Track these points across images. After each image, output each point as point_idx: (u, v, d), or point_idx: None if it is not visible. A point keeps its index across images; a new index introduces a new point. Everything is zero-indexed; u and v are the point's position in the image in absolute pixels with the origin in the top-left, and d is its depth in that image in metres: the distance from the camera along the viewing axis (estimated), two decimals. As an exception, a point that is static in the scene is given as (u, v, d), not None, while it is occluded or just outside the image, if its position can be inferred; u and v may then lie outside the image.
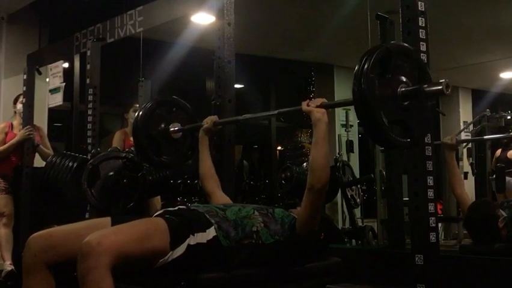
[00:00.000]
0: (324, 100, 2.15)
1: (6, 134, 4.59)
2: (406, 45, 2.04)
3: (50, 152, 4.63)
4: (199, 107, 7.33)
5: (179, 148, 2.90)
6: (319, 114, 2.11)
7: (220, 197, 2.50)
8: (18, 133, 4.53)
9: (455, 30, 5.99)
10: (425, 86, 1.86)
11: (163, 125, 2.84)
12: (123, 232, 1.84)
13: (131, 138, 4.94)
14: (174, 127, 2.85)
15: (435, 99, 2.01)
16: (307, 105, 2.15)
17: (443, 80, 1.83)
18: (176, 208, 2.12)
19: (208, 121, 2.64)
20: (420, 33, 2.19)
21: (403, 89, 1.85)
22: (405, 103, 1.85)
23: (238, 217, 2.04)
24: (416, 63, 1.94)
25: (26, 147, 4.49)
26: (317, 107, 2.13)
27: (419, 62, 1.96)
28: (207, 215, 2.01)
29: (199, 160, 2.64)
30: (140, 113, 2.85)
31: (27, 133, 4.47)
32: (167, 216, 1.99)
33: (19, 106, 4.66)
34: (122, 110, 5.18)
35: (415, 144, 1.97)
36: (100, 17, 4.06)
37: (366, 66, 1.80)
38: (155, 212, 2.14)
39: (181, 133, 2.85)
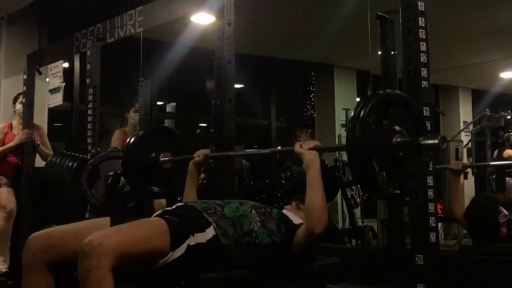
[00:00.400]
0: (317, 143, 2.15)
1: (5, 134, 4.59)
2: (405, 95, 2.00)
3: (50, 152, 4.63)
4: (199, 107, 7.33)
5: (168, 178, 2.88)
6: (311, 157, 2.09)
7: None
8: (16, 136, 4.51)
9: (455, 30, 5.98)
10: (421, 138, 1.83)
11: (153, 154, 2.81)
12: (124, 232, 1.84)
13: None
14: (165, 157, 2.81)
15: (432, 153, 1.98)
16: (300, 147, 2.12)
17: (440, 135, 1.80)
18: (174, 207, 2.12)
19: (200, 154, 2.62)
20: (420, 33, 2.19)
21: (398, 140, 1.81)
22: (400, 154, 1.81)
23: (236, 215, 2.05)
24: (413, 113, 1.91)
25: (26, 147, 4.49)
26: (310, 149, 2.11)
27: (417, 113, 1.93)
28: (205, 214, 2.01)
29: (184, 191, 2.61)
30: (132, 139, 2.83)
31: (24, 137, 4.45)
32: (167, 216, 1.99)
33: (18, 106, 4.66)
34: (122, 110, 5.18)
35: (405, 197, 1.94)
36: (100, 17, 4.06)
37: (362, 112, 1.77)
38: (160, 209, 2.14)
39: (171, 164, 2.83)
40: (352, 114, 1.80)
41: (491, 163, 5.24)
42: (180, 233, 1.92)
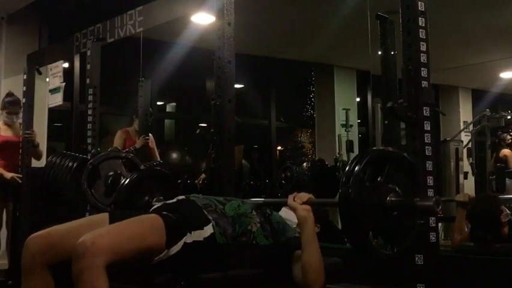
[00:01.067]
0: (311, 196, 2.10)
1: None
2: (404, 154, 1.95)
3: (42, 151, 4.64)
4: (199, 107, 7.34)
5: None
6: (305, 213, 2.03)
7: None
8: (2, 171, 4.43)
9: (455, 30, 5.99)
10: (417, 199, 1.78)
11: (146, 198, 2.81)
12: (118, 231, 1.84)
13: (135, 138, 5.00)
14: (158, 201, 2.74)
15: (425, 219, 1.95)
16: (294, 200, 2.08)
17: (434, 197, 1.78)
18: (174, 200, 2.11)
19: None
20: (420, 33, 2.19)
21: (393, 199, 1.76)
22: (394, 213, 1.76)
23: (237, 214, 2.04)
24: (409, 171, 1.87)
25: (26, 147, 4.48)
26: (303, 203, 2.06)
27: (413, 172, 1.89)
28: (205, 211, 2.00)
29: None
30: (126, 182, 2.84)
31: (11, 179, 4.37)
32: (165, 212, 1.98)
33: (5, 115, 4.55)
34: (132, 111, 5.19)
35: (397, 257, 1.87)
36: (100, 17, 4.06)
37: (357, 167, 1.72)
38: None
39: None
40: (347, 168, 1.75)
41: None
42: (176, 230, 1.91)
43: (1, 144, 4.50)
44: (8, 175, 4.40)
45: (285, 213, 2.30)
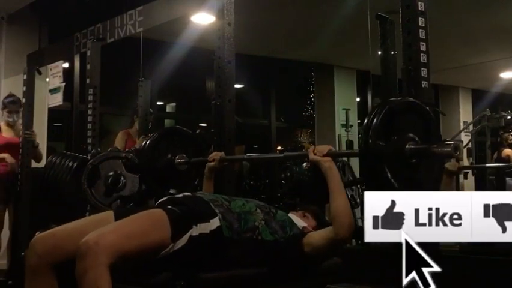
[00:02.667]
0: (331, 148, 2.15)
1: None
2: (418, 102, 1.99)
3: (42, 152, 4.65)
4: (199, 107, 7.34)
5: (184, 179, 2.89)
6: (328, 164, 2.09)
7: None
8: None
9: (455, 31, 5.99)
10: (435, 146, 1.81)
11: (169, 156, 2.83)
12: (121, 230, 1.84)
13: (136, 138, 5.00)
14: (180, 159, 2.83)
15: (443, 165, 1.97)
16: (314, 154, 2.12)
17: (453, 142, 1.79)
18: (181, 195, 2.11)
19: (215, 157, 2.61)
20: (420, 33, 2.19)
21: (412, 147, 1.80)
22: (413, 161, 1.81)
23: (242, 211, 2.04)
24: (427, 121, 1.91)
25: (25, 147, 4.48)
26: (324, 155, 2.10)
27: (430, 120, 1.93)
28: (211, 204, 2.00)
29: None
30: (147, 142, 2.85)
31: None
32: (169, 207, 1.98)
33: (6, 115, 4.57)
34: (133, 111, 5.18)
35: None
36: (100, 17, 4.06)
37: (374, 120, 1.77)
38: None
39: (186, 165, 2.84)
40: (365, 121, 1.80)
41: (488, 165, 5.22)
42: (181, 224, 1.90)
43: (2, 146, 4.50)
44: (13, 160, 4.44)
45: (293, 216, 2.29)
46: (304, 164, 6.09)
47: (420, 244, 2.09)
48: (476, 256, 3.03)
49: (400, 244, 1.60)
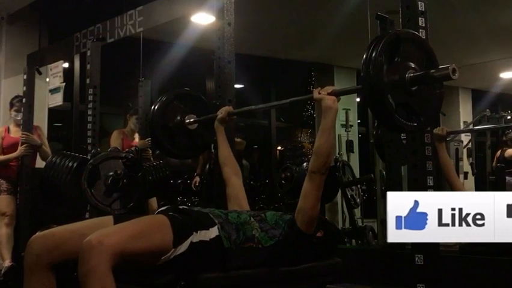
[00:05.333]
0: (335, 88, 2.16)
1: (2, 138, 4.58)
2: (415, 32, 2.07)
3: (49, 152, 4.63)
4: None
5: (195, 139, 2.98)
6: (330, 102, 2.09)
7: (236, 185, 2.52)
8: (19, 148, 4.49)
9: (455, 31, 5.98)
10: (433, 71, 1.89)
11: (179, 117, 2.92)
12: (124, 231, 1.83)
13: (134, 139, 4.99)
14: (190, 119, 2.91)
15: (443, 87, 2.03)
16: (319, 93, 2.14)
17: (450, 65, 1.84)
18: (180, 207, 2.13)
19: (223, 111, 2.68)
20: (420, 33, 2.19)
21: (411, 74, 1.88)
22: (413, 88, 1.88)
23: (239, 222, 2.05)
24: (423, 49, 1.97)
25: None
26: (328, 94, 2.12)
27: (426, 49, 1.99)
28: (210, 215, 2.02)
29: (217, 150, 2.68)
30: (157, 106, 2.92)
31: (24, 151, 4.47)
32: (171, 213, 1.98)
33: (13, 113, 4.62)
34: (125, 110, 5.18)
35: (422, 128, 2.00)
36: (100, 17, 4.06)
37: (374, 51, 1.82)
38: (153, 212, 2.14)
39: (196, 124, 2.93)
40: (364, 56, 1.84)
41: (477, 127, 5.53)
42: (183, 230, 1.91)
43: (10, 146, 4.55)
44: (22, 150, 4.48)
45: None
46: (305, 164, 6.09)
47: (419, 244, 2.10)
48: (476, 256, 3.04)
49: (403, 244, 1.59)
